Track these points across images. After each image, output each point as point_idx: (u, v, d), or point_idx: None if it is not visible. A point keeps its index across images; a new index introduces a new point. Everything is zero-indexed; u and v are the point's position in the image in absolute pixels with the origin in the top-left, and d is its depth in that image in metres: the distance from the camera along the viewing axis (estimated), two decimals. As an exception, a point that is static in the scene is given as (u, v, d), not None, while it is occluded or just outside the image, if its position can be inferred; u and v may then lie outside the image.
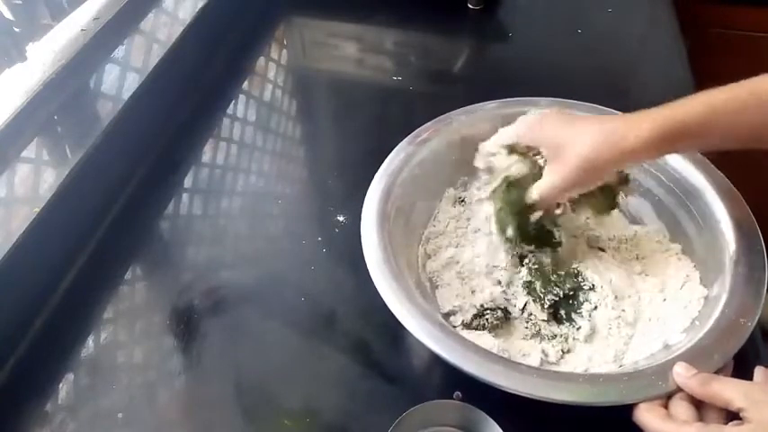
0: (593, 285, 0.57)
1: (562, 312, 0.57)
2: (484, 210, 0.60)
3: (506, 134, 0.58)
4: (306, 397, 0.54)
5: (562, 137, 0.53)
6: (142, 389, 0.55)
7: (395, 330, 0.57)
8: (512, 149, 0.57)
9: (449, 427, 0.48)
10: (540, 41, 0.93)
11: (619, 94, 0.77)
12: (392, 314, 0.50)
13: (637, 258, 0.61)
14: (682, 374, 0.45)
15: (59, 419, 0.53)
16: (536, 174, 0.56)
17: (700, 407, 0.45)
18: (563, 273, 0.58)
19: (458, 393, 0.51)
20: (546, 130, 0.55)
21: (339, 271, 0.64)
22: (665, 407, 0.46)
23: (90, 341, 0.58)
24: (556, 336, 0.56)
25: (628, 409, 0.46)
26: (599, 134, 0.51)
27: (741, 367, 0.48)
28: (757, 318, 0.49)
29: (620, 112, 0.66)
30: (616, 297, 0.56)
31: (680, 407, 0.45)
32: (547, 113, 0.57)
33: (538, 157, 0.56)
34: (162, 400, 0.55)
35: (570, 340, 0.55)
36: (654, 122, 0.50)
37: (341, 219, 0.68)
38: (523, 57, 0.90)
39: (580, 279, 0.57)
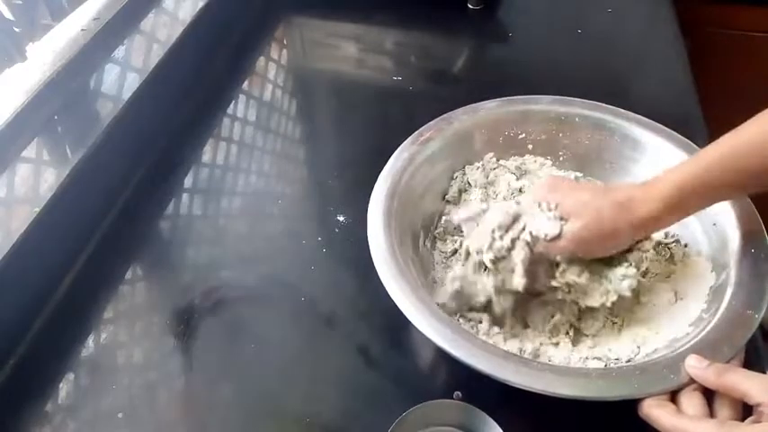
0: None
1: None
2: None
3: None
4: (306, 397, 0.54)
5: (572, 206, 0.53)
6: (142, 389, 0.55)
7: (395, 330, 0.57)
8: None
9: (449, 426, 0.48)
10: (540, 41, 0.93)
11: (619, 93, 0.77)
12: (392, 314, 0.50)
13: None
14: (695, 366, 0.45)
15: (59, 419, 0.53)
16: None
17: (710, 401, 0.45)
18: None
19: (458, 393, 0.51)
20: (556, 197, 0.54)
21: (339, 271, 0.64)
22: (671, 402, 0.45)
23: (90, 341, 0.58)
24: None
25: (628, 406, 0.46)
26: (608, 207, 0.51)
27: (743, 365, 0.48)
28: (763, 310, 0.49)
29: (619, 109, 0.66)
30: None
31: (691, 400, 0.45)
32: (548, 181, 0.57)
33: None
34: (162, 400, 0.55)
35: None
36: (662, 191, 0.51)
37: (341, 219, 0.68)
38: (523, 57, 0.90)
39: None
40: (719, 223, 0.57)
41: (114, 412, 0.53)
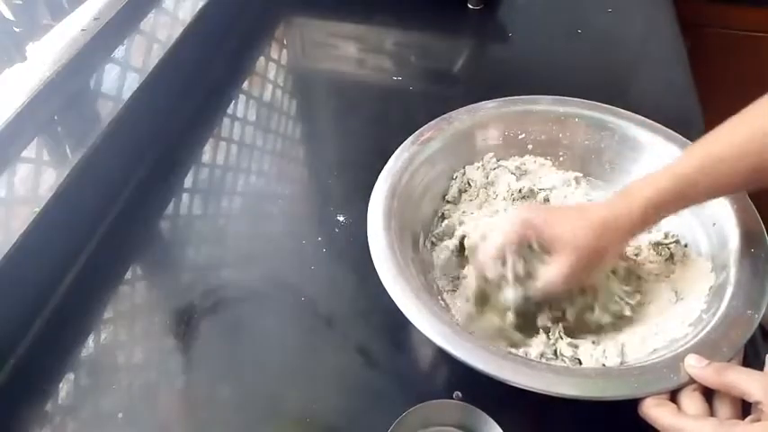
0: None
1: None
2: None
3: (493, 244, 0.54)
4: (306, 397, 0.54)
5: (558, 232, 0.51)
6: (142, 389, 0.55)
7: (395, 330, 0.57)
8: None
9: (449, 426, 0.48)
10: (540, 41, 0.93)
11: (619, 93, 0.77)
12: (393, 314, 0.50)
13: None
14: (695, 365, 0.45)
15: (59, 419, 0.53)
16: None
17: (710, 400, 0.45)
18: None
19: (458, 393, 0.51)
20: (538, 227, 0.52)
21: (339, 271, 0.64)
22: (671, 402, 0.45)
23: (90, 341, 0.58)
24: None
25: (627, 407, 0.46)
26: (596, 224, 0.50)
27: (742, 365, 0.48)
28: (763, 310, 0.49)
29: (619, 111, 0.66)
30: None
31: (691, 400, 0.45)
32: (524, 210, 0.56)
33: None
34: (162, 400, 0.55)
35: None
36: (645, 201, 0.50)
37: (341, 219, 0.68)
38: (523, 57, 0.90)
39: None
40: (719, 223, 0.57)
41: (114, 412, 0.53)
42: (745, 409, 0.44)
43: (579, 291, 0.54)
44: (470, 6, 0.97)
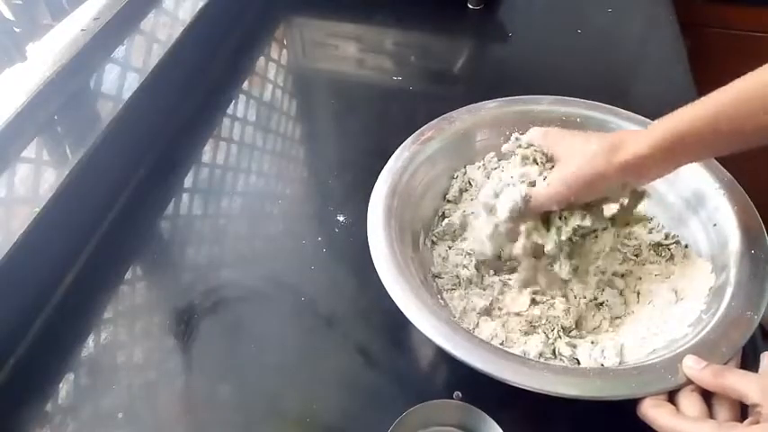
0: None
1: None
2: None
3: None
4: (306, 397, 0.54)
5: (563, 149, 0.54)
6: (142, 389, 0.55)
7: (395, 330, 0.57)
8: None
9: (449, 426, 0.48)
10: (540, 41, 0.93)
11: (619, 94, 0.77)
12: (393, 314, 0.50)
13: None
14: (693, 367, 0.45)
15: (59, 419, 0.53)
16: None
17: (708, 401, 0.45)
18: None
19: (458, 393, 0.51)
20: (549, 142, 0.55)
21: (339, 271, 0.64)
22: (669, 402, 0.45)
23: (90, 341, 0.58)
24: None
25: (626, 407, 0.46)
26: (598, 148, 0.51)
27: (741, 366, 0.48)
28: (762, 311, 0.49)
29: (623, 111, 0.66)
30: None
31: (689, 400, 0.45)
32: (549, 129, 0.57)
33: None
34: (162, 400, 0.55)
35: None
36: (653, 134, 0.50)
37: (341, 219, 0.68)
38: (523, 57, 0.90)
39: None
40: (720, 224, 0.57)
41: (114, 412, 0.53)
42: (743, 410, 0.44)
43: (582, 207, 0.55)
44: (470, 6, 0.97)
